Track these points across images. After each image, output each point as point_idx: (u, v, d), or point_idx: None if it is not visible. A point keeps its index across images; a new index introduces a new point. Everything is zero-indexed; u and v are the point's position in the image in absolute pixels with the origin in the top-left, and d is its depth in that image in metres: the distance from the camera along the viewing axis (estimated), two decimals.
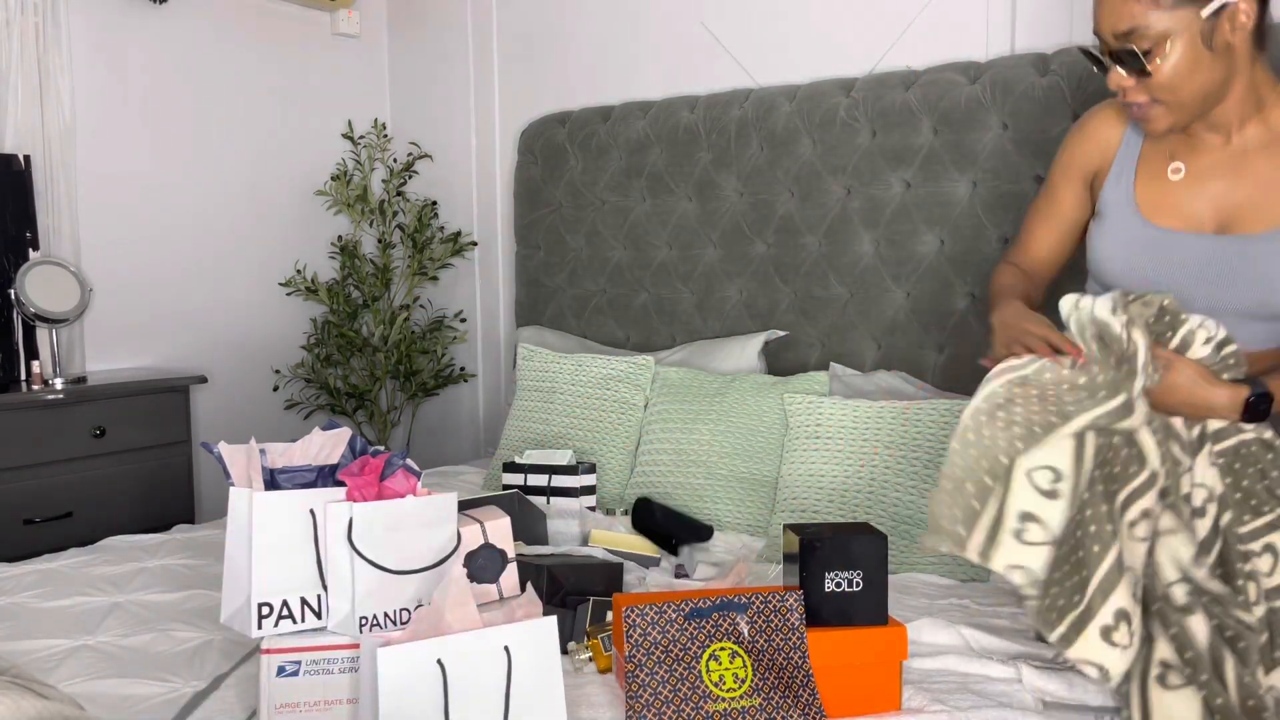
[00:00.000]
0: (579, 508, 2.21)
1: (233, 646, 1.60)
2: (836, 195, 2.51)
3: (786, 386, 2.30)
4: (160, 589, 1.88)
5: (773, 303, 2.64)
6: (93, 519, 2.68)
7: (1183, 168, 1.49)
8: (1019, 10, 2.31)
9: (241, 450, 1.36)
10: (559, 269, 3.08)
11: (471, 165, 3.44)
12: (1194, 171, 1.49)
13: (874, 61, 2.52)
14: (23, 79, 2.75)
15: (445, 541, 1.38)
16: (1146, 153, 1.54)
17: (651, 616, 1.33)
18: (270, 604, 1.30)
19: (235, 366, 3.36)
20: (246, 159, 3.36)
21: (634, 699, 1.29)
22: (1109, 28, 1.38)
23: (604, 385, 2.54)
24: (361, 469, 1.35)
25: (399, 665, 1.13)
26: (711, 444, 2.29)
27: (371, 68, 3.68)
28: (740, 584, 1.82)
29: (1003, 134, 2.25)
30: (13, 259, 2.72)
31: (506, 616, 1.23)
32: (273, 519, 1.31)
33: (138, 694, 1.44)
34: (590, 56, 3.11)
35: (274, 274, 3.44)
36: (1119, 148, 1.56)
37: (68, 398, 2.63)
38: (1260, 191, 1.43)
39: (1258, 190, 1.43)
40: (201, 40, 3.23)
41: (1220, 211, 1.46)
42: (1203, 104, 1.41)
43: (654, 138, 2.83)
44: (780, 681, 1.32)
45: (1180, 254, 1.46)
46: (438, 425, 3.64)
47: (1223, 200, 1.46)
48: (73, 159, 2.88)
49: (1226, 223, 1.46)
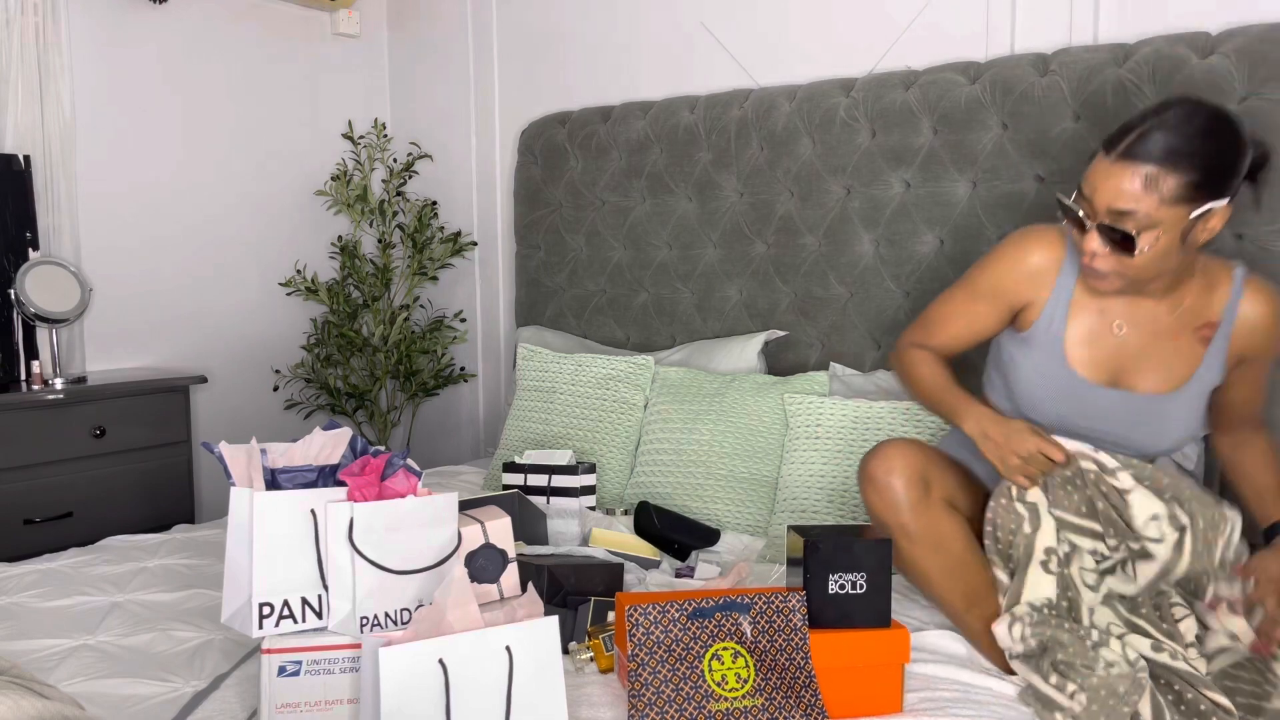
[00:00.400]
0: (579, 508, 2.21)
1: (233, 646, 1.60)
2: (836, 195, 2.51)
3: (787, 386, 2.30)
4: (160, 589, 1.87)
5: (772, 303, 2.64)
6: (93, 519, 2.67)
7: (1125, 326, 1.58)
8: (1019, 10, 2.31)
9: (242, 450, 1.36)
10: (559, 269, 3.08)
11: (471, 165, 3.44)
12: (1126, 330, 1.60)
13: (874, 61, 2.52)
14: (23, 79, 2.75)
15: (446, 541, 1.38)
16: (1078, 297, 1.60)
17: (654, 616, 1.33)
18: (271, 604, 1.30)
19: (235, 366, 3.35)
20: (246, 159, 3.36)
21: (636, 698, 1.29)
22: (1108, 202, 1.43)
23: (604, 385, 2.54)
24: (362, 469, 1.35)
25: (400, 665, 1.12)
26: (711, 444, 2.28)
27: (371, 68, 3.67)
28: (741, 584, 1.82)
29: (1002, 134, 2.25)
30: (13, 259, 2.72)
31: (507, 616, 1.23)
32: (274, 519, 1.31)
33: (138, 694, 1.44)
34: (590, 56, 3.11)
35: (274, 274, 3.44)
36: (1053, 288, 1.61)
37: (68, 398, 2.63)
38: (1170, 356, 1.57)
39: (1168, 355, 1.57)
40: (201, 40, 3.22)
41: (1140, 368, 1.58)
42: (1153, 281, 1.52)
43: (654, 138, 2.83)
44: (782, 682, 1.32)
45: (1097, 405, 1.58)
46: (438, 425, 3.64)
47: (1140, 359, 1.58)
48: (73, 159, 2.88)
49: (1140, 381, 1.58)
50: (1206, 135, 1.40)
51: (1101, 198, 1.43)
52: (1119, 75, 2.09)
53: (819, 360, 2.54)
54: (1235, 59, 1.95)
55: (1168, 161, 1.39)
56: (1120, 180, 1.41)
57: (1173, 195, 1.40)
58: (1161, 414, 1.57)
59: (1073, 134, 2.15)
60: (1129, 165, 1.41)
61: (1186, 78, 2.00)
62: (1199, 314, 1.57)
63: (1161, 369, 1.57)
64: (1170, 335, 1.57)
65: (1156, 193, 1.40)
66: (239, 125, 3.33)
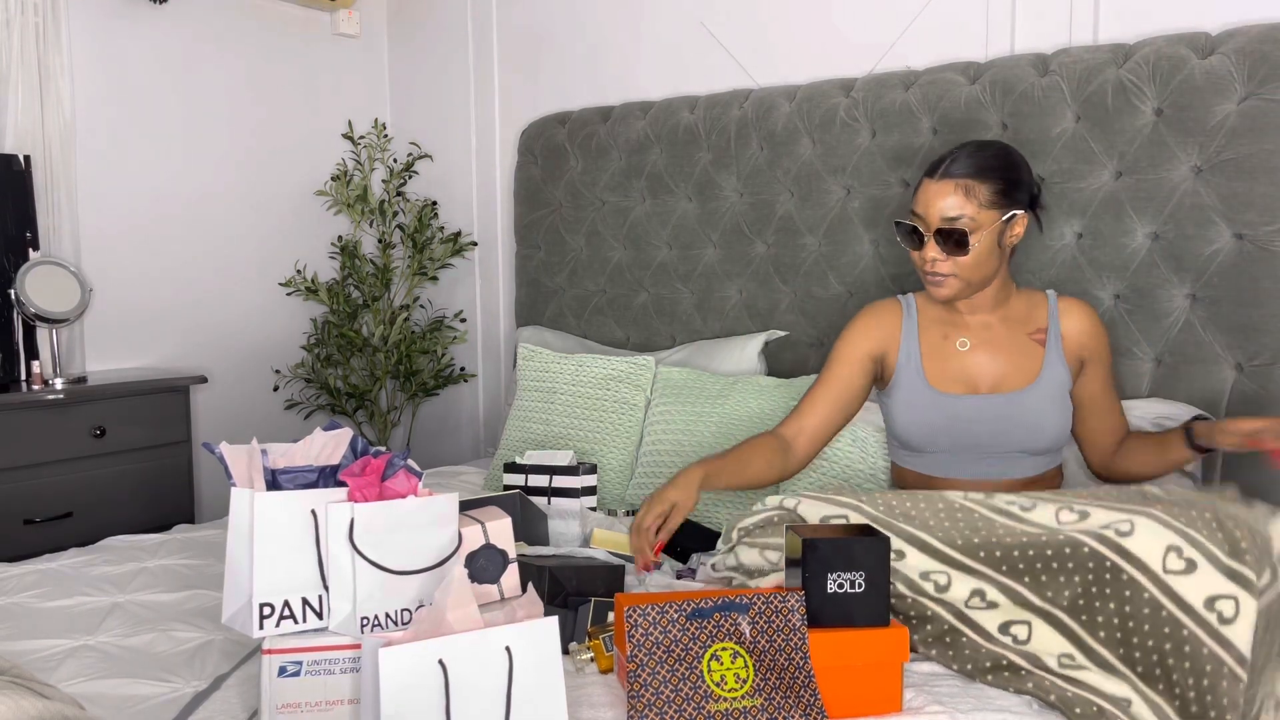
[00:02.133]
0: (580, 508, 2.20)
1: (234, 646, 1.60)
2: (836, 195, 2.51)
3: (790, 390, 2.29)
4: (161, 589, 1.88)
5: (773, 303, 2.64)
6: (93, 519, 2.68)
7: (968, 341, 1.85)
8: (1019, 10, 2.31)
9: (243, 450, 1.36)
10: (559, 269, 3.08)
11: (471, 165, 3.44)
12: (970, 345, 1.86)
13: (874, 61, 2.52)
14: (23, 79, 2.75)
15: (446, 542, 1.38)
16: (923, 334, 1.89)
17: (653, 616, 1.33)
18: (272, 604, 1.30)
19: (235, 366, 3.36)
20: (246, 159, 3.36)
21: (635, 699, 1.29)
22: (939, 214, 1.74)
23: (604, 385, 2.54)
24: (363, 469, 1.35)
25: (400, 665, 1.13)
26: (714, 446, 2.28)
27: (371, 68, 3.68)
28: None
29: (1002, 134, 2.25)
30: (13, 259, 2.72)
31: (508, 617, 1.23)
32: (274, 519, 1.31)
33: (138, 694, 1.44)
34: (590, 56, 3.11)
35: (274, 274, 3.44)
36: (902, 333, 1.90)
37: (68, 398, 2.63)
38: (1014, 357, 1.82)
39: (1012, 356, 1.82)
40: (201, 40, 3.22)
41: (991, 374, 1.83)
42: (981, 284, 1.80)
43: (654, 138, 2.83)
44: (782, 682, 1.32)
45: (965, 412, 1.80)
46: (438, 425, 3.64)
47: (990, 366, 1.83)
48: (73, 159, 2.88)
49: (995, 384, 1.82)
50: (1001, 156, 1.77)
51: (933, 211, 1.75)
52: (1119, 75, 2.09)
53: (819, 361, 2.54)
54: (1235, 59, 1.95)
55: (978, 175, 1.73)
56: (945, 194, 1.74)
57: (987, 200, 1.73)
58: (1025, 408, 1.78)
59: (1073, 134, 2.16)
60: (950, 181, 1.74)
61: (1186, 78, 2.01)
62: (1027, 322, 1.84)
63: (1010, 368, 1.82)
64: (1007, 341, 1.83)
65: (975, 199, 1.73)
66: (239, 125, 3.33)
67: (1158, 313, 2.09)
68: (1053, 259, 2.20)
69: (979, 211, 1.73)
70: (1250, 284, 1.97)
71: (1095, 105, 2.12)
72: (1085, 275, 2.16)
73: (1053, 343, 1.82)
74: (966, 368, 1.84)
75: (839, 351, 1.94)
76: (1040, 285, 2.21)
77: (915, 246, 1.80)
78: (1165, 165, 2.05)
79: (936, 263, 1.76)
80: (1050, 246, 2.20)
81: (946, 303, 1.85)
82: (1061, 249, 2.19)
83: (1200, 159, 2.02)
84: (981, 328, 1.86)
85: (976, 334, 1.86)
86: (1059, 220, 2.18)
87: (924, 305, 1.93)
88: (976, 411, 1.80)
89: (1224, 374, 2.02)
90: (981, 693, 1.40)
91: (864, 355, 1.91)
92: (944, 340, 1.87)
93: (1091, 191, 2.14)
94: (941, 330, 1.88)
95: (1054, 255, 2.20)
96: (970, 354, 1.85)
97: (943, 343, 1.87)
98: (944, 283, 1.78)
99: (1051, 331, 1.83)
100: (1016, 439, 1.80)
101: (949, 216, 1.73)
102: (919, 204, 1.78)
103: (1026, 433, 1.80)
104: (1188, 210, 2.03)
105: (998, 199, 1.74)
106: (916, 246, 1.79)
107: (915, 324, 1.90)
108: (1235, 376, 2.01)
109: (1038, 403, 1.79)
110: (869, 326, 1.92)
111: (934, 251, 1.76)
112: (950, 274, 1.77)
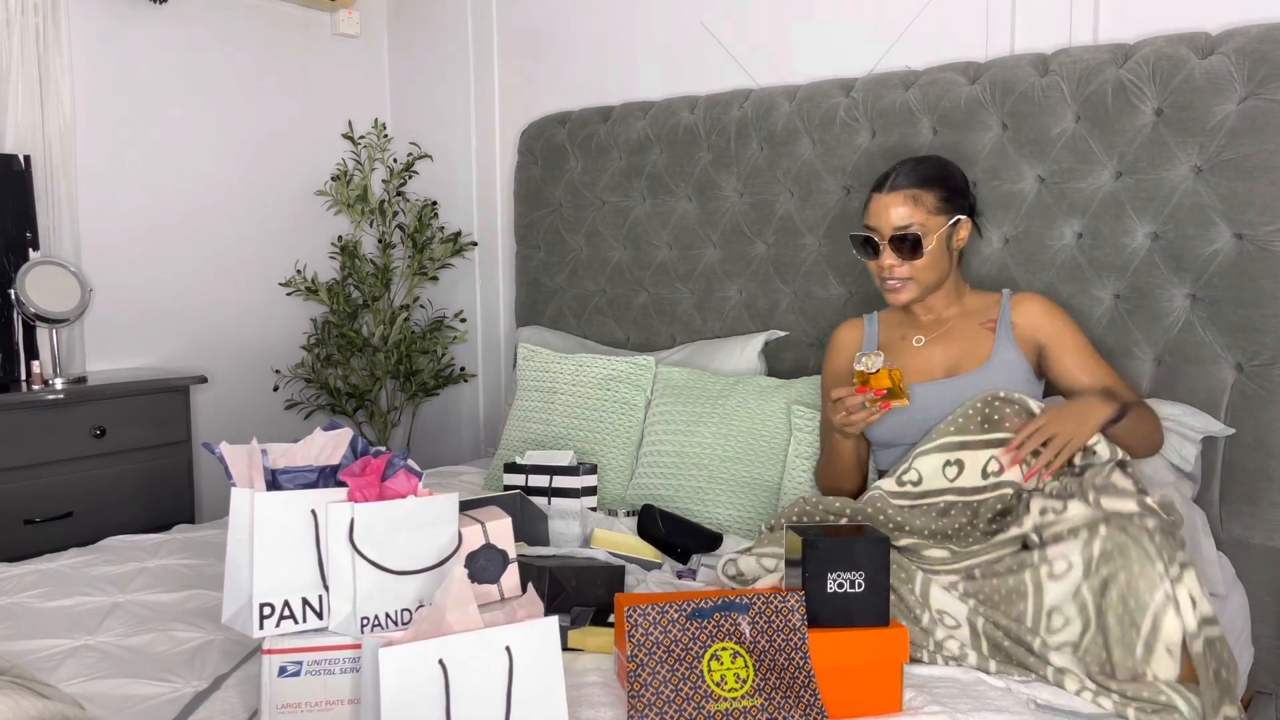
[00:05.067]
0: (580, 509, 2.20)
1: (234, 646, 1.61)
2: (836, 195, 2.51)
3: (790, 391, 2.29)
4: (161, 589, 1.88)
5: (773, 303, 2.64)
6: (93, 519, 2.68)
7: (923, 338, 1.97)
8: (1019, 10, 2.31)
9: (243, 450, 1.36)
10: (559, 269, 3.08)
11: (471, 165, 3.44)
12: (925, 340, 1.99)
13: (874, 61, 2.52)
14: (23, 79, 2.75)
15: (447, 542, 1.38)
16: (883, 340, 2.03)
17: (653, 616, 1.33)
18: (272, 604, 1.30)
19: (235, 366, 3.36)
20: (247, 159, 3.36)
21: (636, 699, 1.29)
22: (890, 223, 1.87)
23: (604, 385, 2.54)
24: (363, 469, 1.35)
25: (401, 665, 1.13)
26: (714, 447, 2.28)
27: (371, 68, 3.68)
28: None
29: (1002, 134, 2.25)
30: (13, 259, 2.72)
31: (508, 617, 1.23)
32: (274, 519, 1.31)
33: (139, 694, 1.44)
34: (590, 56, 3.11)
35: (274, 274, 3.44)
36: (863, 344, 2.07)
37: (68, 398, 2.63)
38: (967, 345, 1.94)
39: (965, 344, 1.94)
40: (201, 40, 3.22)
41: (945, 362, 1.94)
42: (935, 286, 1.92)
43: (654, 138, 2.83)
44: (782, 682, 1.32)
45: (922, 399, 1.90)
46: (438, 425, 3.64)
47: (944, 356, 1.95)
48: (73, 159, 2.88)
49: (953, 369, 1.94)
50: (941, 167, 1.92)
51: (885, 222, 1.88)
52: (1119, 75, 2.09)
53: (819, 361, 2.54)
54: (1235, 59, 1.95)
55: (923, 185, 1.87)
56: (894, 205, 1.87)
57: (934, 207, 1.87)
58: (978, 387, 1.86)
59: (1073, 134, 2.16)
60: (897, 193, 1.87)
61: (1186, 78, 2.01)
62: (978, 315, 1.96)
63: (962, 354, 1.93)
64: (960, 332, 1.95)
65: (923, 207, 1.86)
66: (239, 125, 3.33)
67: (1158, 313, 2.09)
68: (1053, 259, 2.20)
69: (927, 218, 1.87)
70: (1250, 284, 1.97)
71: (1095, 105, 2.12)
72: (1085, 275, 2.16)
73: (1003, 330, 1.91)
74: (922, 360, 1.96)
75: (828, 380, 2.11)
76: (1041, 285, 2.21)
77: (871, 256, 1.92)
78: (1165, 165, 2.05)
79: (893, 269, 1.89)
80: (1050, 246, 2.20)
81: (905, 307, 1.95)
82: (1061, 249, 2.19)
83: (1200, 159, 2.02)
84: (936, 324, 1.98)
85: (931, 330, 1.98)
86: (1059, 220, 2.19)
87: (885, 317, 2.07)
88: (934, 397, 1.88)
89: (1224, 374, 2.02)
90: (981, 693, 1.41)
91: (843, 377, 2.07)
92: (901, 340, 2.00)
93: (1091, 191, 2.15)
94: (900, 332, 2.02)
95: (1054, 255, 2.20)
96: (925, 348, 1.97)
97: (900, 342, 2.00)
98: (902, 287, 1.90)
99: (1002, 320, 1.93)
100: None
101: (901, 225, 1.86)
102: (871, 217, 1.91)
103: None
104: (1188, 210, 2.03)
105: (942, 205, 1.88)
106: (872, 256, 1.92)
107: (875, 332, 2.06)
108: (1235, 376, 2.01)
109: (989, 382, 1.86)
110: (840, 346, 2.09)
111: (890, 258, 1.89)
112: (907, 278, 1.89)
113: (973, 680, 1.45)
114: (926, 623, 1.51)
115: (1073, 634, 1.46)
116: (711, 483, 2.25)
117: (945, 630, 1.51)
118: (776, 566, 1.64)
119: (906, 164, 1.92)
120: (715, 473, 2.26)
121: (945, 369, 1.94)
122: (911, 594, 1.53)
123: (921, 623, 1.51)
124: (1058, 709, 1.38)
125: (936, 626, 1.51)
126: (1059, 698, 1.40)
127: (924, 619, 1.51)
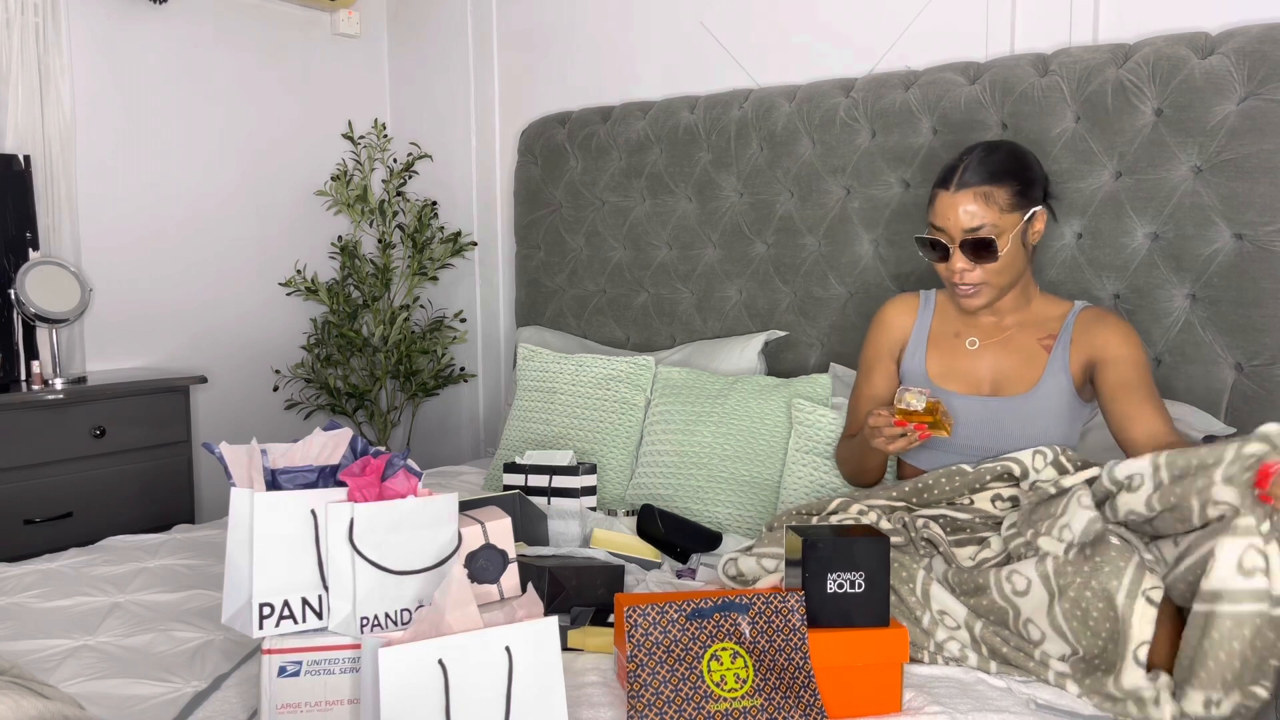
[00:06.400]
0: (580, 508, 2.20)
1: (234, 647, 1.61)
2: (836, 195, 2.51)
3: (790, 390, 2.29)
4: (161, 589, 1.88)
5: (773, 303, 2.64)
6: (93, 519, 2.68)
7: (978, 341, 1.85)
8: (1019, 10, 2.31)
9: (243, 450, 1.36)
10: (559, 269, 3.08)
11: (471, 165, 3.44)
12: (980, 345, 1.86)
13: (874, 61, 2.52)
14: (23, 79, 2.75)
15: (446, 542, 1.38)
16: (935, 332, 1.91)
17: (653, 616, 1.33)
18: (271, 604, 1.30)
19: (235, 366, 3.36)
20: (246, 159, 3.36)
21: (635, 699, 1.29)
22: (960, 225, 1.72)
23: (604, 385, 2.54)
24: (363, 469, 1.35)
25: (400, 666, 1.13)
26: (714, 446, 2.28)
27: (371, 68, 3.68)
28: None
29: (1002, 134, 2.25)
30: (13, 259, 2.72)
31: (507, 617, 1.23)
32: (274, 519, 1.31)
33: (139, 694, 1.44)
34: (590, 56, 3.11)
35: (274, 274, 3.44)
36: (913, 330, 1.92)
37: (68, 398, 2.63)
38: (1018, 362, 1.81)
39: (1017, 361, 1.81)
40: (201, 40, 3.22)
41: (992, 376, 1.83)
42: (1010, 286, 1.79)
43: (654, 138, 2.83)
44: (781, 682, 1.32)
45: (960, 412, 1.81)
46: (438, 425, 3.64)
47: (993, 368, 1.83)
48: (73, 159, 2.88)
49: (997, 387, 1.82)
50: (1013, 157, 1.75)
51: (955, 223, 1.72)
52: (1119, 75, 2.09)
53: (819, 361, 2.54)
54: (1235, 59, 1.95)
55: (995, 180, 1.71)
56: (964, 204, 1.71)
57: (1007, 203, 1.71)
58: (1018, 415, 1.78)
59: (1072, 134, 2.15)
60: (966, 191, 1.71)
61: (1186, 78, 2.01)
62: (1040, 326, 1.83)
63: (1011, 371, 1.81)
64: (1015, 344, 1.82)
65: (995, 205, 1.71)
66: (239, 125, 3.33)
67: (1157, 313, 2.09)
68: (1053, 259, 2.20)
69: (1000, 217, 1.71)
70: (1250, 284, 1.97)
71: (1095, 105, 2.12)
72: (1085, 275, 2.16)
73: (1059, 350, 1.79)
74: (971, 367, 1.85)
75: (868, 354, 1.97)
76: (1041, 285, 2.20)
77: (940, 259, 1.78)
78: (1165, 165, 2.05)
79: (965, 273, 1.75)
80: (1050, 246, 2.20)
81: (978, 311, 1.82)
82: (1061, 249, 2.19)
83: (1200, 159, 2.02)
84: (995, 329, 1.85)
85: (988, 334, 1.85)
86: (1059, 220, 2.18)
87: (944, 302, 1.93)
88: (974, 414, 1.81)
89: (1224, 374, 2.02)
90: (981, 693, 1.41)
91: (885, 356, 1.94)
92: (955, 337, 1.88)
93: (1091, 191, 2.14)
94: (955, 327, 1.89)
95: (1054, 255, 2.20)
96: (978, 354, 1.85)
97: (954, 340, 1.88)
98: (976, 292, 1.77)
99: (1061, 339, 1.80)
100: (1007, 442, 1.80)
101: (971, 227, 1.71)
102: (938, 217, 1.75)
103: (1014, 441, 1.79)
104: (1188, 210, 2.03)
105: (1016, 200, 1.72)
106: (941, 259, 1.77)
107: (930, 318, 1.91)
108: (1235, 376, 2.01)
109: (1032, 412, 1.78)
110: (888, 324, 1.95)
111: (962, 262, 1.74)
112: (981, 282, 1.76)
113: (973, 680, 1.45)
114: (927, 623, 1.51)
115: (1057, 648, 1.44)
116: (711, 482, 2.25)
117: (946, 631, 1.51)
118: (777, 567, 1.63)
119: (974, 154, 1.75)
120: (715, 472, 2.26)
121: (991, 385, 1.83)
122: (912, 594, 1.52)
123: (922, 623, 1.51)
124: (1058, 709, 1.38)
125: (937, 627, 1.51)
126: (1060, 698, 1.40)
127: (924, 619, 1.51)
